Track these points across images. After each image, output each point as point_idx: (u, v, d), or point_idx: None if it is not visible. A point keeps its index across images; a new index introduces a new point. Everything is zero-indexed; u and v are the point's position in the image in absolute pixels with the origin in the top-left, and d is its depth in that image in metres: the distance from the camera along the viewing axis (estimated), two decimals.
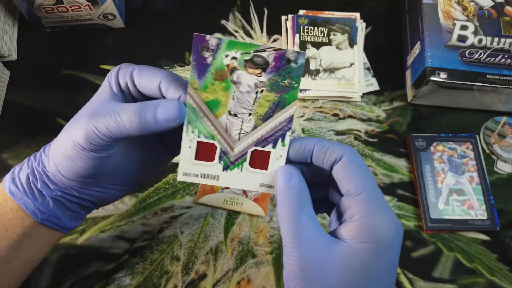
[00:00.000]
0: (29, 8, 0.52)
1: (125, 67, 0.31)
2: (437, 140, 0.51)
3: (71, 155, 0.29)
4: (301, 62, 0.28)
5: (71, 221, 0.34)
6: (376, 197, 0.27)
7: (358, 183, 0.27)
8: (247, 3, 0.61)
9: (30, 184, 0.32)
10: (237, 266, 0.45)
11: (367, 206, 0.26)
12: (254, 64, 0.28)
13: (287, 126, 0.30)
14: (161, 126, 0.28)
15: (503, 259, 0.47)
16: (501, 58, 0.51)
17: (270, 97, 0.29)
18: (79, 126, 0.29)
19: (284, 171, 0.29)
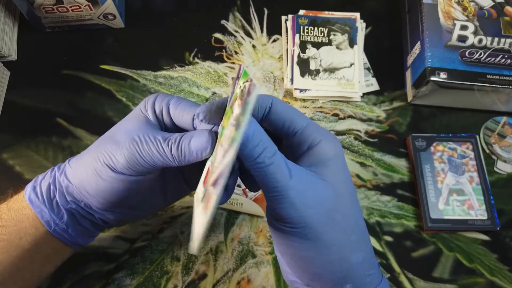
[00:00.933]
0: (29, 8, 0.52)
1: (162, 96, 0.31)
2: (437, 140, 0.51)
3: (103, 174, 0.29)
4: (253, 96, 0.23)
5: (81, 238, 0.34)
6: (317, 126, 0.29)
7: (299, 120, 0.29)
8: (247, 3, 0.61)
9: (49, 194, 0.32)
10: (237, 266, 0.45)
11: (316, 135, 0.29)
12: (242, 94, 0.25)
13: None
14: (195, 157, 0.28)
15: (503, 259, 0.47)
16: (501, 58, 0.51)
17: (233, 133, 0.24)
18: (120, 150, 0.29)
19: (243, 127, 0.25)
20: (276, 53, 0.58)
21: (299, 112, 0.29)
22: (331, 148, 0.28)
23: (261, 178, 0.26)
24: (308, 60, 0.55)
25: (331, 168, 0.28)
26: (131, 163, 0.29)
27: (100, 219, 0.34)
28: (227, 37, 0.58)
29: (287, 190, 0.26)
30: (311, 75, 0.55)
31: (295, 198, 0.26)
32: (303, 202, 0.26)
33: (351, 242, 0.28)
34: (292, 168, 0.27)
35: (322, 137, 0.28)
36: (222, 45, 0.58)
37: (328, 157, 0.28)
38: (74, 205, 0.32)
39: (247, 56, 0.57)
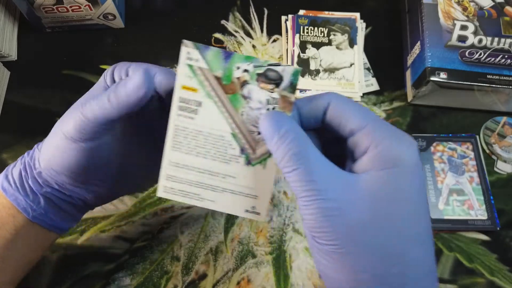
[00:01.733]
0: (29, 8, 0.52)
1: (122, 64, 0.31)
2: (437, 140, 0.51)
3: (62, 147, 0.29)
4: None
5: (64, 222, 0.34)
6: (382, 124, 0.25)
7: (359, 118, 0.25)
8: (247, 3, 0.61)
9: (22, 180, 0.32)
10: (237, 266, 0.45)
11: (377, 134, 0.24)
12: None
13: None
14: (133, 99, 0.27)
15: (503, 259, 0.47)
16: (501, 58, 0.51)
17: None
18: (69, 117, 0.29)
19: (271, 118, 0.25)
20: (276, 53, 0.58)
21: (362, 110, 0.25)
22: (390, 154, 0.23)
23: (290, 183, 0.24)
24: (308, 60, 0.55)
25: (380, 180, 0.23)
26: (77, 125, 0.28)
27: (78, 199, 0.33)
28: (227, 37, 0.58)
29: (314, 201, 0.23)
30: (311, 75, 0.55)
31: (322, 210, 0.23)
32: (330, 216, 0.23)
33: (389, 275, 0.23)
34: (327, 173, 0.23)
35: (385, 139, 0.24)
36: (222, 45, 0.58)
37: (382, 165, 0.23)
38: (49, 189, 0.32)
39: None
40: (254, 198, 0.27)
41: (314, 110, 0.26)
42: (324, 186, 0.23)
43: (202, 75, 0.26)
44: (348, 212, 0.23)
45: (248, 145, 0.27)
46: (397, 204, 0.23)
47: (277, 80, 0.25)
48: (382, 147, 0.23)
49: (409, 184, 0.23)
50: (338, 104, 0.26)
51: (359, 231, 0.23)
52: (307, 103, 0.26)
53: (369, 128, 0.24)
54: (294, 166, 0.23)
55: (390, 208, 0.23)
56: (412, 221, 0.23)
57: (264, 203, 0.27)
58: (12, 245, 0.32)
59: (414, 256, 0.23)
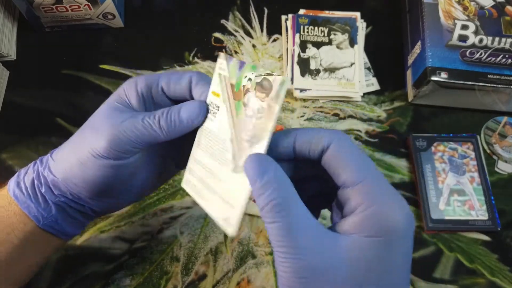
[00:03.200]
0: (28, 7, 0.52)
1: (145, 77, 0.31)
2: (438, 140, 0.51)
3: (87, 162, 0.29)
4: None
5: (72, 228, 0.34)
6: (379, 183, 0.23)
7: (355, 171, 0.23)
8: (247, 3, 0.61)
9: (34, 188, 0.31)
10: (237, 267, 0.45)
11: (370, 196, 0.22)
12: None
13: None
14: (186, 126, 0.28)
15: (504, 259, 0.47)
16: (502, 58, 0.50)
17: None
18: (100, 134, 0.29)
19: (253, 164, 0.23)
20: (276, 53, 0.58)
21: (363, 161, 0.23)
22: (380, 222, 0.22)
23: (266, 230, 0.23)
24: (308, 59, 0.55)
25: (364, 248, 0.21)
26: (113, 143, 0.28)
27: (89, 209, 0.33)
28: (227, 37, 0.58)
29: (289, 259, 0.22)
30: (312, 74, 0.55)
31: (296, 270, 0.21)
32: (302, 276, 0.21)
33: None
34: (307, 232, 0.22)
35: (377, 204, 0.22)
36: (222, 45, 0.58)
37: (369, 232, 0.22)
38: (63, 198, 0.31)
39: (247, 56, 0.57)
40: (231, 208, 0.26)
41: (315, 143, 0.24)
42: (302, 244, 0.22)
43: (224, 82, 0.28)
44: (323, 277, 0.21)
45: (237, 153, 0.27)
46: (375, 275, 0.22)
47: (268, 89, 0.25)
48: (371, 211, 0.22)
49: (393, 255, 0.22)
50: (339, 147, 0.24)
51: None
52: (309, 133, 0.25)
53: (363, 185, 0.23)
54: (274, 219, 0.22)
55: (368, 278, 0.22)
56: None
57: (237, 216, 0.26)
58: (20, 251, 0.32)
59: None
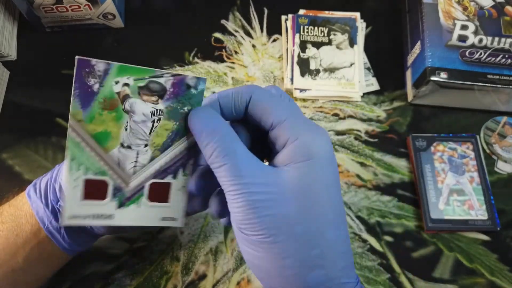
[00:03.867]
0: (28, 8, 0.52)
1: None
2: (438, 140, 0.51)
3: None
4: (201, 88, 0.26)
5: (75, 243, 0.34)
6: (300, 120, 0.26)
7: (278, 112, 0.26)
8: (247, 3, 0.61)
9: (46, 190, 0.32)
10: (237, 266, 0.45)
11: (294, 130, 0.26)
12: (150, 91, 0.25)
13: (187, 155, 0.27)
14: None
15: (504, 259, 0.47)
16: (502, 58, 0.51)
17: (169, 125, 0.26)
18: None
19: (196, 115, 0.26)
20: (276, 53, 0.58)
21: (282, 103, 0.27)
22: (306, 148, 0.25)
23: (218, 178, 0.25)
24: (308, 60, 0.55)
25: (299, 173, 0.25)
26: None
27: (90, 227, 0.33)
28: (227, 37, 0.58)
29: (241, 195, 0.24)
30: (311, 75, 0.55)
31: (248, 203, 0.24)
32: (256, 209, 0.24)
33: (311, 258, 0.25)
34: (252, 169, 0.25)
35: (300, 135, 0.26)
36: (222, 45, 0.58)
37: (299, 159, 0.25)
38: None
39: (247, 56, 0.57)
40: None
41: (237, 102, 0.27)
42: (250, 180, 0.24)
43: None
44: (273, 204, 0.24)
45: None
46: (314, 193, 0.25)
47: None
48: (298, 141, 0.25)
49: (324, 174, 0.25)
50: (259, 98, 0.27)
51: (283, 221, 0.24)
52: (228, 96, 0.27)
53: (287, 122, 0.26)
54: (222, 162, 0.24)
55: (309, 197, 0.25)
56: (328, 207, 0.25)
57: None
58: (25, 256, 0.32)
59: (330, 238, 0.25)
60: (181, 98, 0.26)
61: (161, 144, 0.27)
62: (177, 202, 0.28)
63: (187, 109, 0.26)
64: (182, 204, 0.29)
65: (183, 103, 0.26)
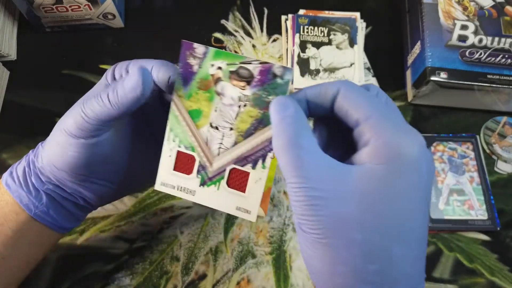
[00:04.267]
0: (28, 8, 0.52)
1: (122, 63, 0.31)
2: (438, 140, 0.51)
3: (63, 143, 0.29)
4: (287, 78, 0.26)
5: (66, 221, 0.34)
6: (389, 116, 0.24)
7: (366, 108, 0.24)
8: (247, 3, 0.61)
9: (25, 177, 0.32)
10: (237, 267, 0.45)
11: (379, 127, 0.23)
12: (239, 76, 0.26)
13: (268, 147, 0.27)
14: (131, 98, 0.27)
15: (504, 259, 0.47)
16: (502, 58, 0.51)
17: (254, 112, 0.27)
18: (70, 114, 0.29)
19: (277, 103, 0.25)
20: (276, 53, 0.58)
21: (369, 99, 0.25)
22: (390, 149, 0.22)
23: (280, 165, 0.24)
24: (308, 60, 0.55)
25: (373, 175, 0.22)
26: (78, 122, 0.28)
27: (79, 198, 0.33)
28: (227, 37, 0.58)
29: (301, 187, 0.23)
30: (311, 75, 0.55)
31: (308, 198, 0.23)
32: (316, 205, 0.22)
33: (366, 272, 0.22)
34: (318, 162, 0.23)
35: (387, 133, 0.23)
36: (222, 45, 0.58)
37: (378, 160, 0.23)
38: (50, 185, 0.32)
39: (247, 56, 0.57)
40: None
41: (322, 97, 0.26)
42: (313, 174, 0.23)
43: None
44: (334, 203, 0.22)
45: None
46: (386, 200, 0.22)
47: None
48: (382, 140, 0.23)
49: (405, 181, 0.22)
50: (347, 92, 0.25)
51: (342, 224, 0.22)
52: (315, 90, 0.26)
53: (373, 119, 0.24)
54: (287, 151, 0.23)
55: (378, 204, 0.22)
56: (400, 219, 0.23)
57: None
58: (14, 243, 0.32)
59: (396, 255, 0.23)
60: (267, 86, 0.26)
61: (244, 130, 0.27)
62: (253, 194, 0.28)
63: (271, 98, 0.26)
64: (258, 197, 0.28)
65: (269, 92, 0.26)
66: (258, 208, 0.29)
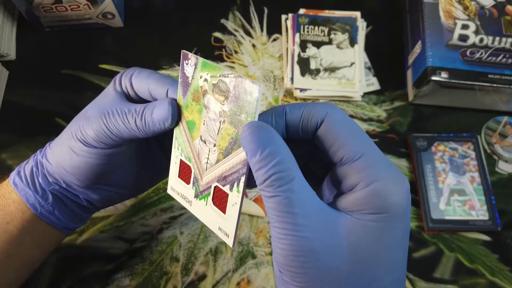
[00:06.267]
0: (28, 7, 0.52)
1: (129, 70, 0.31)
2: (438, 140, 0.51)
3: (77, 150, 0.30)
4: (255, 96, 0.22)
5: (70, 221, 0.34)
6: (378, 159, 0.22)
7: (353, 146, 0.22)
8: (247, 2, 0.61)
9: (33, 176, 0.32)
10: (237, 267, 0.45)
11: (370, 172, 0.21)
12: (219, 89, 0.24)
13: (242, 170, 0.24)
14: (158, 127, 0.28)
15: (504, 259, 0.47)
16: (502, 58, 0.50)
17: (230, 130, 0.24)
18: (89, 124, 0.29)
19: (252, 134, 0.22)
20: (276, 52, 0.58)
21: (359, 135, 0.22)
22: (382, 199, 0.21)
23: (266, 208, 0.22)
24: (308, 59, 0.55)
25: (366, 227, 0.21)
26: (100, 135, 0.29)
27: (85, 200, 0.33)
28: (227, 36, 0.58)
29: (289, 236, 0.21)
30: (312, 74, 0.55)
31: (295, 248, 0.21)
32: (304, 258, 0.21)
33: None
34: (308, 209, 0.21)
35: (378, 180, 0.21)
36: (222, 44, 0.58)
37: (371, 209, 0.21)
38: (57, 186, 0.32)
39: (247, 55, 0.57)
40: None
41: (305, 122, 0.23)
42: (303, 221, 0.21)
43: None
44: (324, 257, 0.21)
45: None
46: (376, 253, 0.21)
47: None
48: (372, 188, 0.21)
49: (393, 233, 0.22)
50: (335, 122, 0.23)
51: (331, 279, 0.21)
52: (297, 113, 0.23)
53: (362, 162, 0.22)
54: (274, 193, 0.21)
55: (368, 257, 0.21)
56: (389, 270, 0.22)
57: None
58: (19, 242, 0.33)
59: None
60: (239, 102, 0.23)
61: (224, 148, 0.25)
62: (231, 217, 0.25)
63: (243, 117, 0.23)
64: (234, 222, 0.25)
65: (240, 109, 0.23)
66: (235, 232, 0.26)
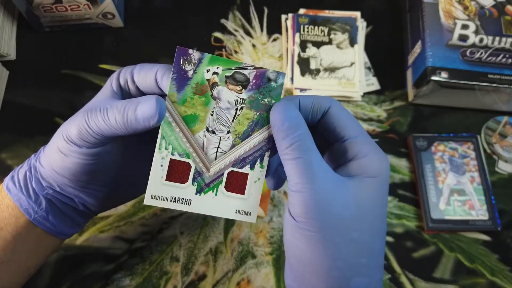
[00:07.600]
0: (28, 7, 0.52)
1: (128, 67, 0.31)
2: (438, 140, 0.51)
3: (64, 150, 0.29)
4: (280, 81, 0.28)
5: (65, 226, 0.34)
6: (369, 139, 0.29)
7: (352, 127, 0.28)
8: (247, 2, 0.61)
9: (26, 181, 0.32)
10: (237, 267, 0.45)
11: (366, 146, 0.28)
12: (235, 80, 0.28)
13: (266, 146, 0.29)
14: (142, 125, 0.27)
15: (504, 259, 0.47)
16: (502, 58, 0.50)
17: (250, 115, 0.28)
18: (74, 122, 0.29)
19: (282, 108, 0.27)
20: (276, 52, 0.58)
21: (355, 121, 0.29)
22: (375, 166, 0.27)
23: (286, 169, 0.26)
24: (308, 59, 0.55)
25: (367, 186, 0.27)
26: (82, 134, 0.28)
27: (80, 203, 0.33)
28: (227, 36, 0.58)
29: (308, 191, 0.25)
30: (312, 74, 0.55)
31: (314, 201, 0.25)
32: (321, 208, 0.25)
33: (359, 265, 0.26)
34: (324, 170, 0.26)
35: (370, 152, 0.28)
36: (222, 44, 0.58)
37: (368, 173, 0.27)
38: (51, 190, 0.31)
39: (247, 55, 0.57)
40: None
41: (315, 109, 0.29)
42: (322, 178, 0.26)
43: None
44: (338, 208, 0.26)
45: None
46: (374, 206, 0.27)
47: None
48: (368, 158, 0.28)
49: (383, 192, 0.28)
50: (338, 110, 0.29)
51: (344, 224, 0.26)
52: (309, 101, 0.29)
53: (359, 139, 0.28)
54: (298, 155, 0.26)
55: (369, 209, 0.27)
56: (380, 220, 0.28)
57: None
58: (13, 248, 0.32)
59: (377, 249, 0.27)
60: (262, 89, 0.28)
61: (241, 132, 0.28)
62: (252, 195, 0.29)
63: (267, 101, 0.28)
64: (257, 198, 0.29)
65: (264, 95, 0.28)
66: (257, 208, 0.30)
